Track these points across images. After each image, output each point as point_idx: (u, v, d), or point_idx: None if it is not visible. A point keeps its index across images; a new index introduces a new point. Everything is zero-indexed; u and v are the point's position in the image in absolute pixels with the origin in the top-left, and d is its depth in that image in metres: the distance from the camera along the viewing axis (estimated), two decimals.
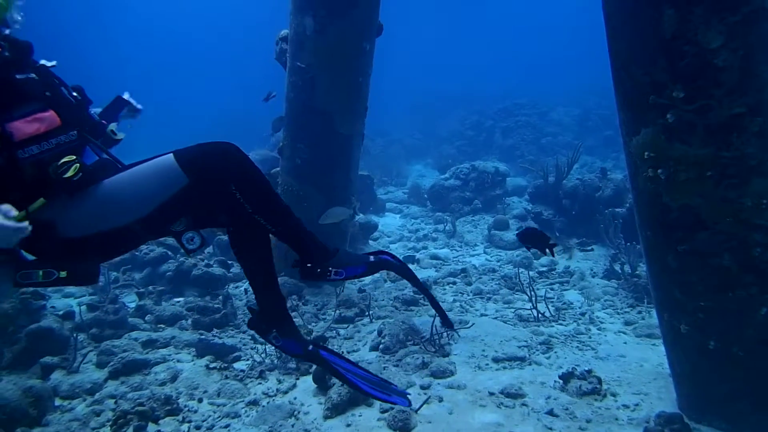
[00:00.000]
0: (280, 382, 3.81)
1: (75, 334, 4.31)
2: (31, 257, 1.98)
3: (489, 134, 16.37)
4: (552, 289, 5.59)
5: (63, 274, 1.91)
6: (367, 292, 5.35)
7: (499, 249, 7.11)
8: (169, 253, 6.17)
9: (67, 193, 1.94)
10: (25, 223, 1.77)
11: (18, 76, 1.96)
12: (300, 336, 2.31)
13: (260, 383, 3.83)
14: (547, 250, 3.60)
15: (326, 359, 2.26)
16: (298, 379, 3.83)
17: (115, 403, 3.56)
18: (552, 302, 5.14)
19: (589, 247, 6.86)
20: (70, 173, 1.90)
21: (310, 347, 2.27)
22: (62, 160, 1.92)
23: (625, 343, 4.31)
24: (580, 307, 5.07)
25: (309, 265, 2.26)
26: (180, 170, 1.96)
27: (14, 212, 1.76)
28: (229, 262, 6.19)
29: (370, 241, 7.35)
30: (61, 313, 4.84)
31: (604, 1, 2.79)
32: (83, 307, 4.95)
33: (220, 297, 5.06)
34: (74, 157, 1.96)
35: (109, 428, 3.26)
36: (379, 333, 4.36)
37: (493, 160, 11.73)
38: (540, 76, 23.72)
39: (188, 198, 1.99)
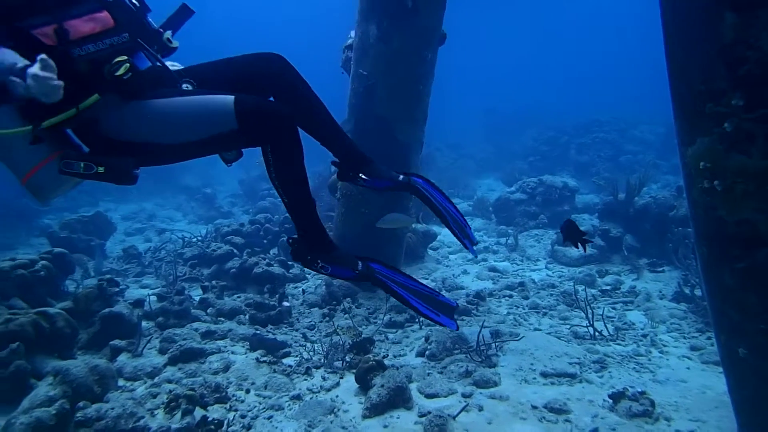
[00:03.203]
0: (324, 379, 3.90)
1: (141, 321, 4.62)
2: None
3: (564, 150, 15.89)
4: (614, 308, 5.33)
5: (101, 169, 2.05)
6: None
7: (561, 265, 6.88)
8: (235, 251, 6.48)
9: (118, 93, 2.05)
10: (60, 82, 1.84)
11: None
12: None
13: (305, 379, 3.93)
14: (579, 244, 3.47)
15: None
16: (341, 377, 3.90)
17: (171, 387, 3.79)
18: (612, 321, 4.91)
19: (660, 268, 6.48)
20: (120, 71, 2.03)
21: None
22: (115, 60, 2.05)
23: (689, 368, 4.04)
24: (642, 329, 4.81)
25: (296, 245, 2.29)
26: (234, 116, 2.05)
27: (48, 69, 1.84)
28: (290, 262, 6.41)
29: (429, 251, 7.35)
30: (132, 300, 5.20)
31: (661, 6, 2.69)
32: (153, 297, 5.30)
33: (278, 295, 5.25)
34: (126, 57, 2.08)
35: (162, 410, 3.48)
36: (426, 339, 4.36)
37: (564, 175, 11.38)
38: (625, 93, 22.81)
39: (230, 140, 2.11)
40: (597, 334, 4.57)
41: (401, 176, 2.66)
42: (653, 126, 16.39)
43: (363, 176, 2.51)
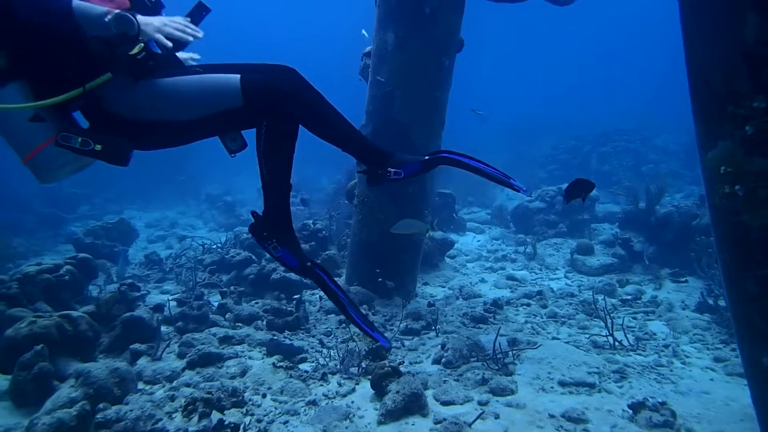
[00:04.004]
0: (340, 385, 3.90)
1: (161, 325, 4.68)
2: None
3: (585, 159, 15.73)
4: (634, 318, 5.24)
5: (98, 147, 2.07)
6: (436, 307, 5.33)
7: (581, 274, 6.79)
8: (253, 257, 6.54)
9: (130, 73, 2.09)
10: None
11: None
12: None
13: (321, 385, 3.94)
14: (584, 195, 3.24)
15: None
16: (357, 383, 3.90)
17: (189, 390, 3.82)
18: (632, 331, 4.83)
19: (683, 279, 6.35)
20: (135, 51, 2.06)
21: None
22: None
23: (712, 380, 3.94)
24: (664, 339, 4.71)
25: (258, 220, 2.29)
26: (240, 94, 2.09)
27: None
28: None
29: (447, 259, 7.32)
30: (153, 305, 5.28)
31: (680, 7, 2.66)
32: (173, 302, 5.38)
33: (294, 301, 5.28)
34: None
35: (179, 413, 3.51)
36: (443, 347, 4.33)
37: None
38: (647, 102, 22.53)
39: (235, 118, 2.14)
40: (617, 343, 4.49)
41: (426, 156, 2.65)
42: (676, 135, 16.15)
43: (392, 169, 2.50)
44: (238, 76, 2.11)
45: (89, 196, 13.35)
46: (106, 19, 1.96)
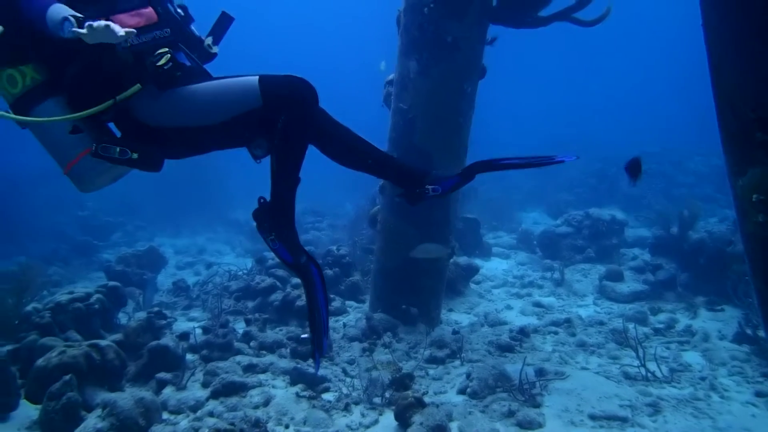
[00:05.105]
0: (363, 416, 3.85)
1: (186, 353, 4.72)
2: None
3: (612, 182, 15.47)
4: (668, 348, 5.05)
5: (135, 155, 2.16)
6: (461, 334, 5.25)
7: (610, 301, 6.62)
8: (278, 283, 6.57)
9: (158, 83, 2.17)
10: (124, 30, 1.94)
11: None
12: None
13: (345, 415, 3.89)
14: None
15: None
16: (381, 414, 3.84)
17: (213, 421, 3.81)
18: (666, 362, 4.66)
19: (719, 307, 6.12)
20: (162, 62, 2.15)
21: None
22: (157, 52, 2.18)
23: (754, 416, 3.76)
24: (700, 371, 4.53)
25: (264, 207, 2.29)
26: (258, 93, 2.16)
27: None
28: (331, 296, 6.43)
29: (472, 284, 7.23)
30: (179, 333, 5.33)
31: (705, 33, 2.63)
32: (198, 330, 5.42)
33: None
34: (167, 49, 2.22)
35: None
36: (468, 376, 4.25)
37: (613, 208, 11.06)
38: (676, 124, 22.19)
39: (256, 118, 2.20)
40: (650, 375, 4.34)
41: (460, 170, 2.66)
42: (708, 158, 15.80)
43: (430, 186, 2.51)
44: (257, 76, 2.20)
45: (122, 224, 13.67)
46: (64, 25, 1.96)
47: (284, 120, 2.18)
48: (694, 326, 5.55)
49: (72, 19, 1.91)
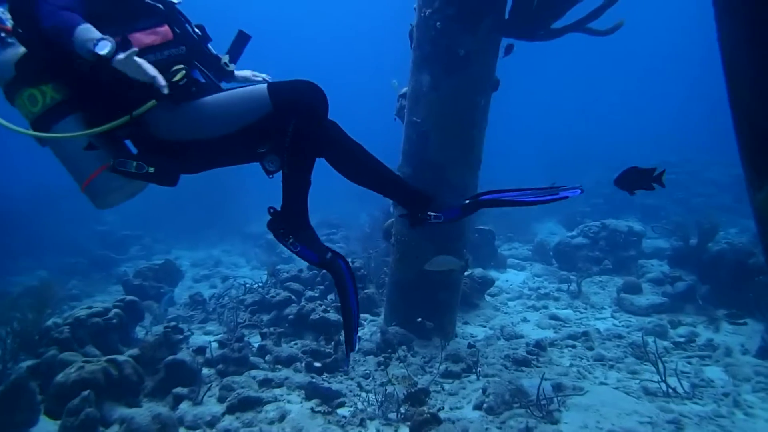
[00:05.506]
0: None
1: (202, 368, 4.74)
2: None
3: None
4: (689, 363, 4.96)
5: (151, 169, 2.20)
6: (476, 348, 5.21)
7: (628, 314, 6.52)
8: (293, 297, 6.59)
9: (172, 99, 2.20)
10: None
11: (147, 0, 2.33)
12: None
13: (360, 431, 3.87)
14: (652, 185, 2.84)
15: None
16: (396, 430, 3.82)
17: None
18: (687, 377, 4.57)
19: (742, 320, 5.98)
20: (177, 78, 2.19)
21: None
22: (173, 68, 2.22)
23: None
24: (723, 387, 4.43)
25: (276, 216, 2.32)
26: (268, 99, 2.19)
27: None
28: None
29: (487, 297, 7.18)
30: (195, 347, 5.36)
31: (720, 44, 2.60)
32: (214, 344, 5.45)
33: (333, 342, 5.27)
34: (182, 66, 2.26)
35: None
36: (484, 391, 4.21)
37: (630, 219, 10.94)
38: (694, 133, 21.95)
39: (267, 126, 2.22)
40: (670, 390, 4.25)
41: (467, 200, 2.66)
42: (727, 167, 15.56)
43: (432, 213, 2.53)
44: (265, 84, 2.24)
45: (140, 237, 13.86)
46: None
47: (294, 122, 2.20)
48: (716, 340, 5.44)
49: (109, 43, 1.97)
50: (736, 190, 14.30)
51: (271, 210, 2.33)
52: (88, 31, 2.01)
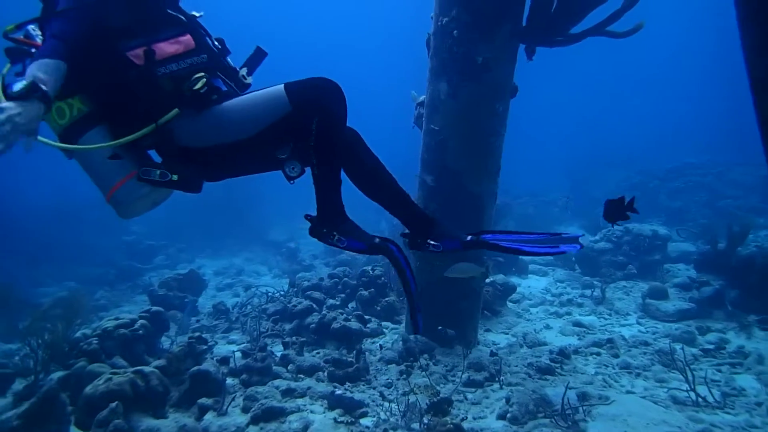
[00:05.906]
0: None
1: (226, 378, 4.78)
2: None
3: (653, 195, 15.08)
4: (719, 371, 4.84)
5: (175, 177, 2.25)
6: (499, 356, 5.16)
7: (654, 320, 6.40)
8: (314, 306, 6.63)
9: (194, 107, 2.25)
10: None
11: (169, 11, 2.39)
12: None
13: None
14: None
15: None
16: None
17: None
18: (718, 386, 4.46)
19: None
20: (198, 86, 2.24)
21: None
22: (194, 77, 2.28)
23: None
24: (756, 396, 4.32)
25: (314, 221, 2.35)
26: (286, 98, 2.21)
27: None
28: (367, 317, 6.44)
29: (509, 303, 7.12)
30: (219, 357, 5.42)
31: (744, 51, 2.55)
32: (238, 354, 5.50)
33: (355, 351, 5.28)
34: (203, 74, 2.31)
35: None
36: (507, 401, 4.17)
37: (655, 223, 10.75)
38: (719, 134, 21.50)
39: (287, 126, 2.24)
40: (700, 399, 4.16)
41: (469, 236, 2.64)
42: (754, 168, 15.21)
43: (432, 242, 2.51)
44: (282, 84, 2.26)
45: (164, 247, 14.09)
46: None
47: (317, 120, 2.21)
48: (747, 347, 5.30)
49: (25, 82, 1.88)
50: (763, 191, 13.97)
51: (308, 217, 2.36)
52: (31, 68, 1.98)
